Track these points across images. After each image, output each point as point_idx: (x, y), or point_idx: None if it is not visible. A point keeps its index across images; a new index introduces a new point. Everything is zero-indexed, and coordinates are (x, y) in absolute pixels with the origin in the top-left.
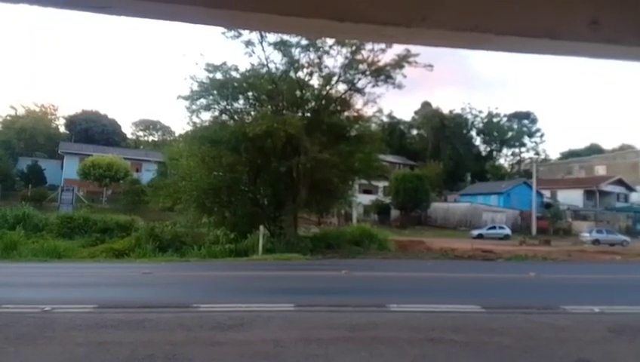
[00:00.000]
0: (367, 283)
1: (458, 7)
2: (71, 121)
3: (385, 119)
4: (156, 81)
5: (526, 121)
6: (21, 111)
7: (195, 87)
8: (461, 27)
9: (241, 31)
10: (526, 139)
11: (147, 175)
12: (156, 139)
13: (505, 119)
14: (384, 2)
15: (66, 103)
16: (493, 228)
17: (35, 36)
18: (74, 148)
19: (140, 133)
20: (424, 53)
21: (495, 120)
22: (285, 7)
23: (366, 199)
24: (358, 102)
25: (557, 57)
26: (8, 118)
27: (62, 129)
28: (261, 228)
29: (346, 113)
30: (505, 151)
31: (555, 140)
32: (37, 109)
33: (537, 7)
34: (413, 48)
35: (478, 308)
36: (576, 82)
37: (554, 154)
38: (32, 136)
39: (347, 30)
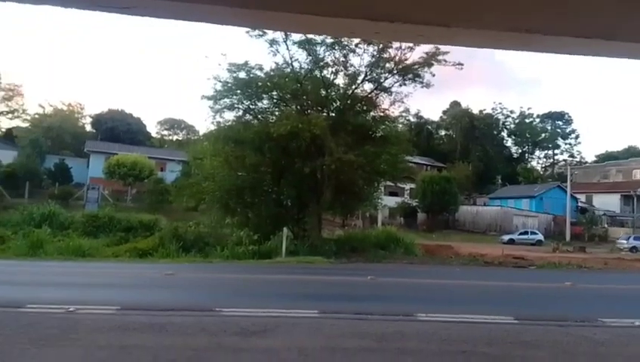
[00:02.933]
0: (393, 290)
1: (505, 8)
2: (97, 120)
3: (412, 119)
4: (181, 80)
5: (560, 122)
6: (49, 110)
7: (219, 87)
8: (509, 28)
9: (266, 30)
10: (560, 141)
11: (171, 174)
12: (180, 138)
13: (538, 120)
14: (420, 2)
15: (92, 102)
16: (525, 233)
17: (62, 36)
18: (100, 146)
19: (165, 132)
20: (453, 51)
21: (527, 120)
22: (316, 7)
23: (392, 201)
24: (384, 101)
25: (613, 59)
26: (36, 116)
27: (88, 128)
28: (285, 229)
29: (372, 113)
30: (537, 153)
31: (590, 142)
32: (64, 108)
33: (592, 7)
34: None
35: (511, 319)
36: (613, 81)
37: (589, 157)
38: (59, 134)
39: (382, 30)
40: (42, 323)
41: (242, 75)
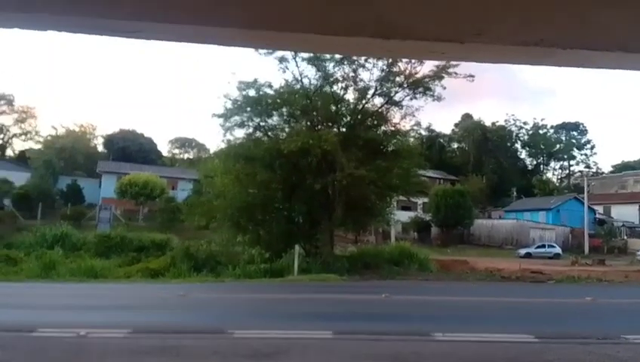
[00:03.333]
0: (409, 308)
1: (519, 21)
2: (109, 140)
3: (423, 133)
4: (192, 99)
5: (575, 133)
6: (61, 132)
7: (229, 105)
8: (523, 41)
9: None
10: (575, 152)
11: (182, 193)
12: (191, 156)
13: (552, 131)
14: (434, 17)
15: (104, 123)
16: (542, 246)
17: (74, 58)
18: (111, 166)
19: (176, 151)
20: (464, 63)
21: (541, 131)
22: (326, 26)
23: (405, 216)
24: (395, 115)
25: (630, 72)
26: (49, 138)
27: (100, 148)
28: (296, 247)
29: (382, 127)
30: (552, 164)
31: (607, 152)
32: (76, 129)
33: (609, 18)
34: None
35: (531, 337)
36: (629, 90)
37: (606, 167)
38: (72, 155)
39: (393, 48)
40: (54, 348)
41: (252, 92)
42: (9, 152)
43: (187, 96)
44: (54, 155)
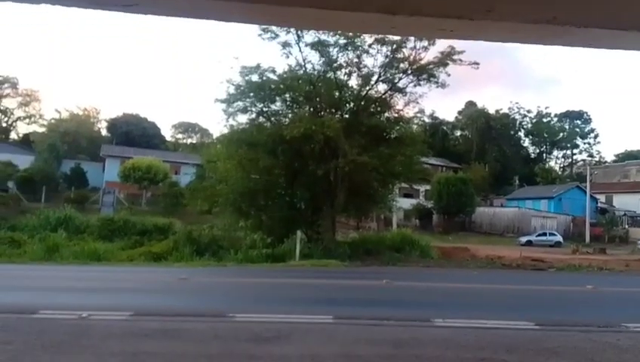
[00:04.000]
0: (409, 294)
1: None
2: (112, 124)
3: (427, 120)
4: (195, 84)
5: (579, 121)
6: (65, 115)
7: (232, 90)
8: (535, 19)
9: (278, 32)
10: (579, 141)
11: (185, 177)
12: (194, 141)
13: (555, 119)
14: None
15: (108, 107)
16: (544, 234)
17: (79, 42)
18: (115, 150)
19: (179, 136)
20: (469, 50)
21: (545, 120)
22: (328, 1)
23: (407, 203)
24: (398, 102)
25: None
26: (53, 121)
27: (104, 132)
28: (298, 232)
29: (386, 114)
30: (555, 153)
31: (610, 141)
32: (80, 113)
33: None
34: (463, 44)
35: (532, 324)
36: (633, 79)
37: (609, 156)
38: (76, 139)
39: (399, 24)
40: (55, 329)
41: (255, 77)
42: (13, 135)
43: (191, 81)
44: (58, 139)
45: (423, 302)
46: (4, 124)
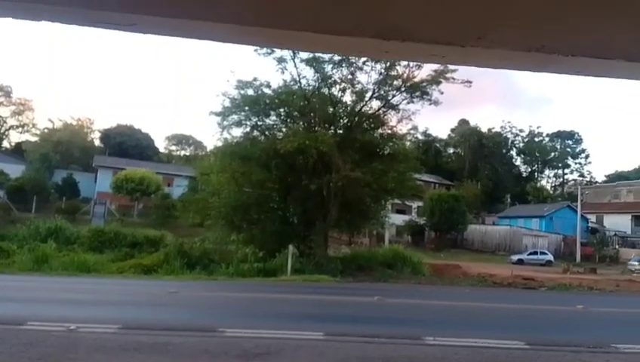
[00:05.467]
0: (401, 311)
1: (522, 25)
2: (106, 135)
3: (420, 137)
4: (190, 96)
5: (570, 141)
6: (58, 125)
7: (227, 104)
8: (524, 47)
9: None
10: (570, 160)
11: (178, 190)
12: (188, 153)
13: (547, 139)
14: (435, 19)
15: (101, 117)
16: (535, 253)
17: (73, 51)
18: (108, 161)
19: (173, 148)
20: (462, 68)
21: (537, 139)
22: (325, 25)
23: (399, 219)
24: (392, 119)
25: (634, 82)
26: (46, 130)
27: (97, 142)
28: (290, 247)
29: (379, 130)
30: (547, 172)
31: (601, 162)
32: (74, 123)
33: (614, 25)
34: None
35: (522, 344)
36: (624, 100)
37: (600, 177)
38: (68, 149)
39: (391, 49)
40: (43, 342)
41: (250, 91)
42: (5, 144)
43: (185, 93)
44: (51, 148)
45: (414, 320)
46: None
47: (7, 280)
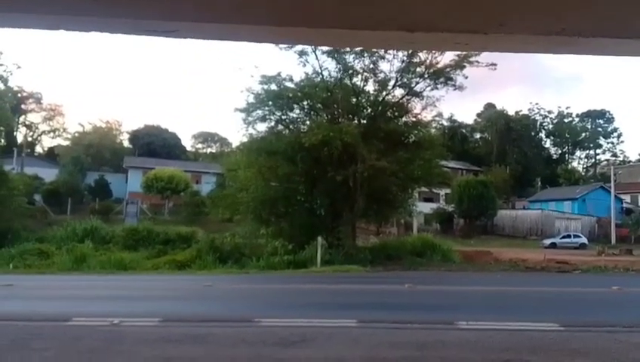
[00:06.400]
0: (432, 297)
1: (541, 11)
2: (134, 136)
3: (445, 123)
4: (214, 94)
5: (601, 121)
6: (88, 128)
7: (251, 99)
8: (545, 31)
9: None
10: (601, 140)
11: (207, 186)
12: (214, 151)
13: (577, 119)
14: (458, 9)
15: (129, 119)
16: (568, 236)
17: (100, 55)
18: (137, 162)
19: (199, 146)
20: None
21: (566, 120)
22: (355, 21)
23: (427, 207)
24: (416, 106)
25: None
26: (76, 134)
27: (126, 143)
28: (319, 239)
29: (403, 118)
30: (578, 153)
31: (634, 140)
32: (103, 125)
33: (631, 6)
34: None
35: (556, 325)
36: None
37: (633, 156)
38: (99, 151)
39: (417, 40)
40: (89, 336)
41: (273, 86)
42: (38, 149)
43: (209, 91)
44: (82, 151)
45: (446, 305)
46: (29, 139)
47: (49, 280)
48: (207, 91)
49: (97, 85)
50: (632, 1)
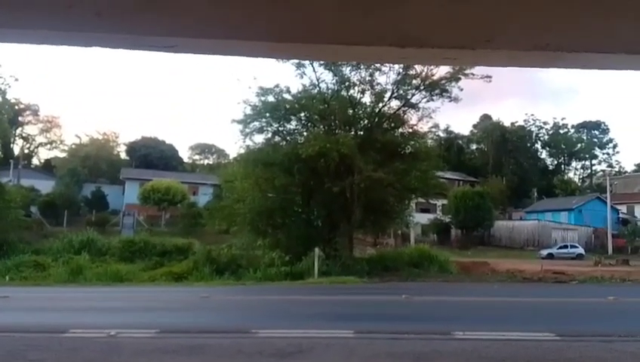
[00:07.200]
0: (429, 308)
1: (526, 27)
2: (131, 148)
3: (441, 134)
4: (211, 106)
5: (596, 132)
6: (85, 140)
7: (249, 111)
8: (530, 46)
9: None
10: (597, 151)
11: (203, 198)
12: (211, 162)
13: (573, 130)
14: (447, 26)
15: (126, 130)
16: (565, 247)
17: (96, 68)
18: (134, 173)
19: (196, 157)
20: None
21: (562, 131)
22: (345, 37)
23: (424, 218)
24: (412, 118)
25: (636, 72)
26: (73, 146)
27: (123, 155)
28: (316, 250)
29: (400, 130)
30: (574, 164)
31: (630, 151)
32: (100, 137)
33: (613, 21)
34: None
35: (553, 335)
36: None
37: (629, 166)
38: (96, 163)
39: (409, 55)
40: (86, 347)
41: (271, 98)
42: (35, 161)
43: (206, 102)
44: (79, 163)
45: (442, 316)
46: (26, 150)
47: (45, 292)
48: (205, 103)
49: (94, 97)
50: (613, 17)
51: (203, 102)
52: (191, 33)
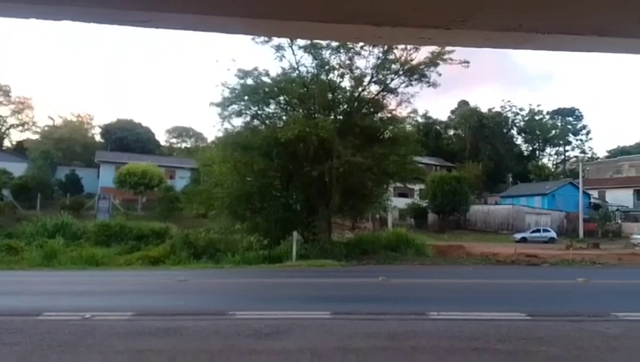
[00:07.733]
0: (405, 290)
1: (500, 7)
2: (106, 130)
3: (420, 120)
4: (189, 88)
5: (570, 118)
6: (59, 122)
7: (227, 94)
8: (504, 27)
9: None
10: (571, 137)
11: (181, 182)
12: (189, 146)
13: (547, 117)
14: (423, 5)
15: (101, 112)
16: (538, 231)
17: (70, 47)
18: (109, 156)
19: (174, 141)
20: (461, 49)
21: (537, 117)
22: (322, 14)
23: (401, 203)
24: (391, 102)
25: (606, 54)
26: (46, 128)
27: (98, 138)
28: (294, 233)
29: (379, 115)
30: (548, 150)
31: (602, 137)
32: (74, 119)
33: (585, 4)
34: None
35: (524, 315)
36: (625, 75)
37: (601, 152)
38: (70, 145)
39: (384, 34)
40: (60, 330)
41: (250, 81)
42: (7, 143)
43: (184, 85)
44: (52, 146)
45: (418, 298)
46: None
47: (19, 276)
48: (182, 85)
49: (68, 78)
50: (584, 1)
51: (180, 85)
52: (165, 8)
